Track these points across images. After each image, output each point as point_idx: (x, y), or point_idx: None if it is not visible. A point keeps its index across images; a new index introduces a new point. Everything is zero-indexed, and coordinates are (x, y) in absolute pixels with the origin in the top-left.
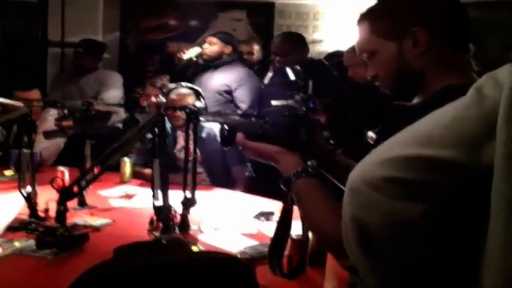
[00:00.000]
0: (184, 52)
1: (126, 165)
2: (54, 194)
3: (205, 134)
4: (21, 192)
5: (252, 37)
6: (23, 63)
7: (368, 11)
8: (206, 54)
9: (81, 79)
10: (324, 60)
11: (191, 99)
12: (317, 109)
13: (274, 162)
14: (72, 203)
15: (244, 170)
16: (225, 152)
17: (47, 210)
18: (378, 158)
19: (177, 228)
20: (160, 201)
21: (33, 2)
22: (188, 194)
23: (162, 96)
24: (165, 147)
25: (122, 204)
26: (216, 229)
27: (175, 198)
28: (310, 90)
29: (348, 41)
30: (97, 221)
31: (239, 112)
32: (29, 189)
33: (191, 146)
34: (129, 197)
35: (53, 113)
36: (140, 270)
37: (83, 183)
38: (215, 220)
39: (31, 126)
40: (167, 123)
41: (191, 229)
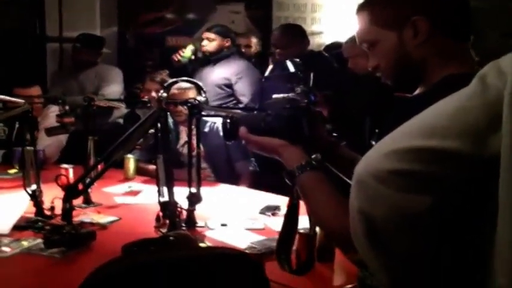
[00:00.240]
0: (180, 54)
1: (130, 161)
2: (59, 192)
3: (207, 129)
4: (26, 190)
5: (249, 30)
6: (21, 60)
7: (367, 1)
8: (207, 51)
9: (81, 74)
10: (324, 52)
11: (192, 93)
12: (319, 101)
13: (278, 156)
14: (77, 201)
15: (248, 165)
16: (228, 147)
17: (52, 208)
18: (382, 151)
19: (183, 224)
20: (165, 198)
21: None
22: (193, 189)
23: (162, 90)
24: (168, 143)
25: (127, 201)
26: (222, 225)
27: (180, 195)
28: (311, 82)
29: (347, 32)
30: (103, 218)
31: (241, 106)
32: (34, 187)
33: (194, 141)
34: (134, 193)
35: (54, 109)
36: (148, 268)
37: (88, 181)
38: (221, 216)
39: (33, 123)
40: (169, 119)
41: (198, 225)
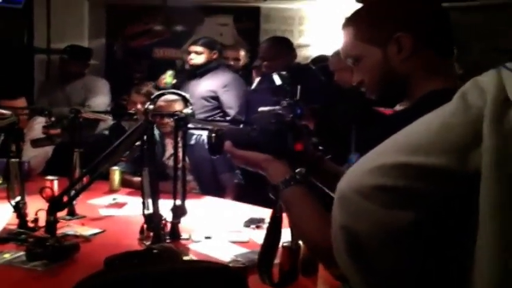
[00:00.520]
0: (162, 82)
1: (115, 173)
2: (43, 204)
3: (193, 141)
4: (10, 202)
5: (237, 42)
6: (8, 71)
7: (352, 16)
8: (195, 65)
9: (68, 86)
10: (311, 64)
11: (179, 106)
12: (305, 115)
13: (262, 170)
14: (61, 213)
15: (233, 178)
16: (214, 159)
17: (36, 221)
18: (366, 166)
19: (167, 237)
20: (150, 210)
21: (18, 8)
22: (178, 202)
23: (149, 102)
24: (154, 155)
25: (112, 213)
26: (207, 237)
27: (165, 207)
28: (298, 95)
29: (334, 45)
30: (87, 230)
31: (227, 118)
32: (18, 199)
33: (180, 153)
34: (119, 205)
35: (40, 121)
36: (132, 282)
37: (73, 193)
38: (206, 228)
39: (19, 134)
40: (155, 131)
41: (182, 238)
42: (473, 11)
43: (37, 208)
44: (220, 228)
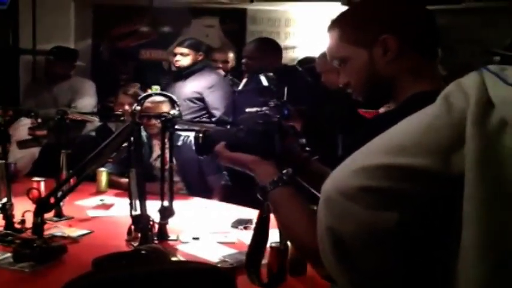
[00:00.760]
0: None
1: (102, 174)
2: (30, 205)
3: (180, 142)
4: None
5: (224, 44)
6: None
7: (338, 18)
8: (182, 66)
9: (54, 87)
10: (297, 66)
11: (166, 107)
12: (292, 116)
13: (250, 171)
14: (48, 214)
15: (220, 179)
16: (201, 161)
17: (23, 222)
18: (351, 167)
19: (155, 238)
20: (138, 211)
21: (3, 9)
22: (166, 203)
23: (135, 104)
24: (141, 156)
25: (99, 214)
26: (194, 238)
27: (152, 208)
28: (285, 96)
29: (320, 47)
30: (75, 232)
31: (214, 119)
32: (4, 200)
33: (167, 154)
34: (106, 206)
35: (25, 122)
36: (120, 283)
37: (60, 194)
38: (194, 229)
39: (5, 136)
40: (143, 132)
41: (170, 239)
42: (460, 14)
43: (24, 209)
44: (208, 229)
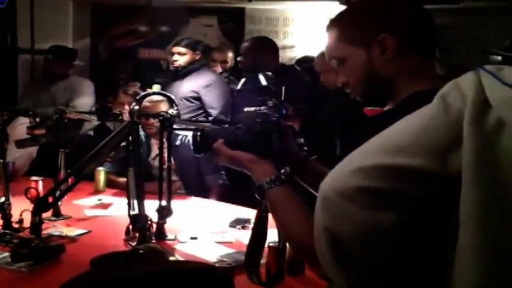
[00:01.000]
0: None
1: (100, 174)
2: (28, 205)
3: (179, 142)
4: None
5: (222, 43)
6: None
7: (336, 17)
8: (179, 66)
9: (53, 86)
10: (296, 65)
11: (164, 106)
12: (290, 115)
13: (247, 170)
14: (46, 214)
15: (218, 178)
16: (199, 160)
17: (21, 221)
18: (348, 167)
19: (153, 237)
20: (136, 211)
21: (1, 8)
22: (164, 203)
23: (134, 103)
24: (139, 156)
25: (97, 213)
26: (192, 238)
27: (150, 207)
28: (282, 96)
29: (319, 46)
30: (73, 231)
31: (210, 118)
32: (2, 199)
33: (165, 154)
34: (104, 206)
35: (23, 121)
36: (118, 282)
37: (58, 194)
38: (191, 229)
39: (3, 135)
40: (141, 131)
41: (168, 238)
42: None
43: (22, 209)
44: (206, 228)
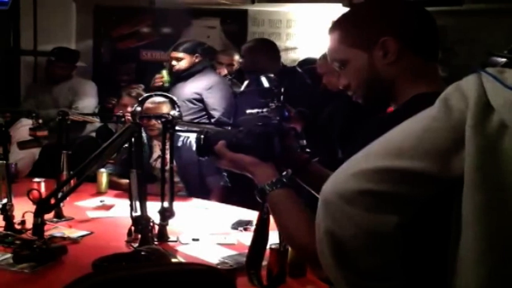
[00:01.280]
0: (161, 80)
1: (103, 175)
2: (30, 206)
3: (180, 143)
4: None
5: (225, 45)
6: None
7: (338, 20)
8: (179, 70)
9: (55, 88)
10: (297, 67)
11: (166, 108)
12: (292, 117)
13: (249, 173)
14: (48, 215)
15: (219, 180)
16: (200, 162)
17: (23, 223)
18: (350, 170)
19: (155, 239)
20: (138, 212)
21: (4, 10)
22: (166, 204)
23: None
24: (141, 158)
25: (99, 215)
26: (194, 240)
27: (152, 209)
28: (281, 97)
29: (321, 48)
30: (75, 232)
31: (213, 120)
32: (4, 201)
33: (167, 155)
34: (106, 207)
35: (25, 123)
36: (119, 284)
37: (60, 195)
38: (193, 231)
39: (6, 137)
40: (142, 133)
41: (169, 240)
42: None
43: (24, 210)
44: (207, 230)
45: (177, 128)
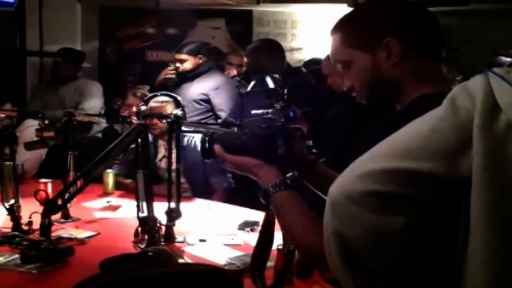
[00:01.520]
0: (172, 72)
1: (109, 176)
2: (37, 207)
3: (185, 143)
4: (4, 205)
5: (230, 45)
6: (0, 74)
7: (341, 21)
8: (184, 72)
9: (61, 89)
10: (302, 68)
11: (170, 107)
12: (298, 118)
13: (253, 175)
14: (55, 216)
15: (223, 181)
16: (205, 162)
17: (30, 223)
18: (357, 171)
19: (162, 240)
20: (145, 213)
21: (10, 11)
22: (173, 205)
23: (141, 104)
24: (148, 158)
25: (106, 215)
26: (201, 240)
27: (158, 210)
28: (285, 97)
29: (326, 48)
30: (82, 233)
31: (219, 121)
32: (12, 202)
33: (174, 155)
34: (113, 208)
35: (30, 124)
36: (127, 284)
37: (67, 196)
38: (200, 231)
39: (13, 138)
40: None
41: (176, 241)
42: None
43: (31, 211)
44: (214, 231)
45: (182, 129)
